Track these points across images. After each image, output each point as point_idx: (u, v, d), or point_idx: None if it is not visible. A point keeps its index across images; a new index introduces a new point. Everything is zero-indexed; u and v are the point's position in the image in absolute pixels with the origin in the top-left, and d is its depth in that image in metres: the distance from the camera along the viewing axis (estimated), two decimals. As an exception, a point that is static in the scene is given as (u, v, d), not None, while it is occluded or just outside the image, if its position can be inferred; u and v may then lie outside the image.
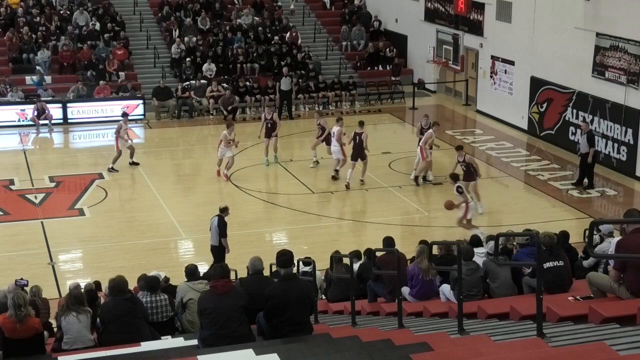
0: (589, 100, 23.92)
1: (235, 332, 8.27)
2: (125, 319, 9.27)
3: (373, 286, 12.51)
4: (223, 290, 8.40)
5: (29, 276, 13.77)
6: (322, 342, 8.21)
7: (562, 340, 7.06)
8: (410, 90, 31.09)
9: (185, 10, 33.31)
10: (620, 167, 23.01)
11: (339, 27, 34.57)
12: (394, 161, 24.21)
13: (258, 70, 31.44)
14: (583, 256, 12.64)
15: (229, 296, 8.37)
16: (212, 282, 8.71)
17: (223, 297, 8.35)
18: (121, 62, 30.52)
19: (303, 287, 8.68)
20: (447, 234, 18.36)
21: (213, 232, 16.37)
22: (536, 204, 20.48)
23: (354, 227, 19.44)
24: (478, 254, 11.68)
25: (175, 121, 28.98)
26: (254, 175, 22.90)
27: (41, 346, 9.28)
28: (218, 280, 8.56)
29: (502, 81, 28.29)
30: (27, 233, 19.09)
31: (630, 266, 7.95)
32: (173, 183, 23.09)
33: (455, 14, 30.13)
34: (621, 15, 22.52)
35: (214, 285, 8.55)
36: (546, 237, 10.50)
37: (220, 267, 8.82)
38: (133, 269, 15.53)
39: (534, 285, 9.71)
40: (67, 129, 27.89)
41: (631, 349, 6.35)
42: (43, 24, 31.54)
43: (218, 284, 8.49)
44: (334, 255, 13.89)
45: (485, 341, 7.37)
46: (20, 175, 22.93)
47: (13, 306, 8.90)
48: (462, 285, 8.66)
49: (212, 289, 8.55)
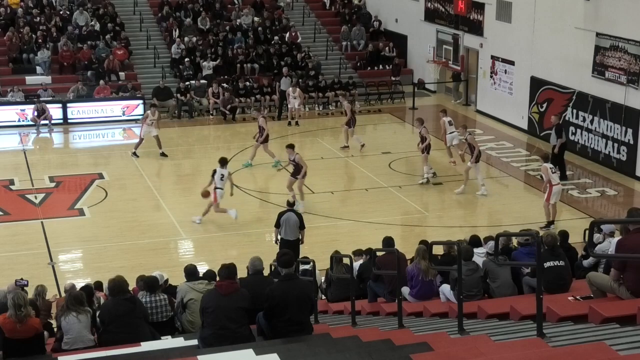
0: (589, 100, 23.93)
1: (236, 333, 8.27)
2: (125, 319, 9.26)
3: (373, 286, 12.50)
4: (227, 291, 8.41)
5: (29, 276, 13.78)
6: (322, 342, 8.20)
7: (562, 340, 7.05)
8: (410, 90, 31.10)
9: (185, 10, 33.30)
10: (620, 167, 23.02)
11: (339, 27, 34.56)
12: (394, 161, 24.21)
13: (258, 70, 31.44)
14: (584, 254, 12.64)
15: (232, 297, 8.37)
16: (217, 282, 8.72)
17: (226, 297, 8.36)
18: (121, 62, 30.52)
19: (303, 287, 8.68)
20: (447, 234, 18.37)
21: (292, 227, 16.46)
22: (536, 204, 20.47)
23: (354, 227, 19.43)
24: (478, 254, 11.68)
25: (175, 121, 28.98)
26: (254, 176, 22.89)
27: (41, 346, 9.28)
28: (223, 280, 8.55)
29: (502, 81, 28.29)
30: (27, 233, 19.08)
31: (630, 266, 7.95)
32: (173, 183, 23.09)
33: (455, 14, 30.13)
34: (621, 15, 22.52)
35: (219, 284, 8.56)
36: (549, 236, 10.50)
37: (226, 268, 8.78)
38: (133, 269, 15.53)
39: (534, 285, 9.71)
40: (67, 129, 27.88)
41: (631, 349, 6.35)
42: (43, 23, 31.54)
43: (223, 284, 8.49)
44: (334, 255, 13.89)
45: (485, 341, 7.37)
46: (20, 175, 22.93)
47: (13, 306, 8.89)
48: (462, 285, 8.65)
49: (217, 288, 8.56)
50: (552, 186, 18.69)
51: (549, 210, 18.95)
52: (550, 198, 18.75)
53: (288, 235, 16.51)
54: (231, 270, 8.77)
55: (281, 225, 16.55)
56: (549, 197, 18.77)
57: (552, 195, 18.71)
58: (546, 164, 19.00)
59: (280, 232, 16.60)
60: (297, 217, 16.59)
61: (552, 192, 18.68)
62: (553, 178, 18.76)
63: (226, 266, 8.84)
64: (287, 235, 16.51)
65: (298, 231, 16.57)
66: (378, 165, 23.82)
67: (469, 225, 19.16)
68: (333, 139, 26.59)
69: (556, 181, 18.84)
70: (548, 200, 18.81)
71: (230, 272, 8.72)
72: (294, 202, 17.27)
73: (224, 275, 8.66)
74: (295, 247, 16.36)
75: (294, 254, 15.83)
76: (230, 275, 8.70)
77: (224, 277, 8.62)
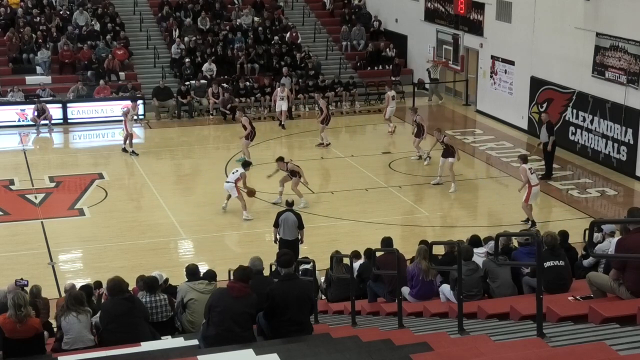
0: (589, 100, 23.92)
1: (240, 337, 8.19)
2: (125, 319, 9.26)
3: (373, 286, 12.50)
4: (237, 294, 8.29)
5: (29, 276, 13.77)
6: (322, 342, 8.20)
7: (562, 340, 7.05)
8: (410, 90, 31.10)
9: (185, 10, 33.30)
10: (620, 167, 23.02)
11: (339, 27, 34.56)
12: (394, 161, 24.21)
13: (258, 70, 31.44)
14: (584, 254, 12.64)
15: (242, 301, 8.26)
16: (230, 283, 8.62)
17: (236, 300, 8.25)
18: (121, 62, 30.52)
19: (303, 287, 8.66)
20: (447, 234, 18.37)
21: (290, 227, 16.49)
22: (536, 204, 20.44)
23: (354, 227, 19.43)
24: (478, 254, 11.67)
25: (175, 121, 28.99)
26: (254, 176, 22.88)
27: (41, 346, 9.28)
28: (236, 282, 8.43)
29: (502, 81, 28.29)
30: (27, 233, 19.09)
31: (630, 266, 7.94)
32: (173, 183, 23.09)
33: (455, 14, 30.13)
34: (621, 15, 22.52)
35: (231, 286, 8.43)
36: (548, 236, 10.48)
37: (242, 270, 8.60)
38: (133, 269, 15.53)
39: (534, 285, 9.70)
40: (67, 129, 27.89)
41: (631, 349, 6.34)
42: (43, 23, 31.54)
43: (235, 287, 8.36)
44: (334, 255, 13.89)
45: (485, 341, 7.36)
46: (20, 175, 22.93)
47: (13, 306, 8.90)
48: (462, 285, 8.65)
49: (228, 289, 8.42)
50: (531, 187, 18.67)
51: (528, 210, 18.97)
52: (529, 199, 18.73)
53: (287, 235, 16.53)
54: (247, 274, 8.56)
55: (280, 225, 16.58)
56: (527, 198, 18.74)
57: (531, 196, 18.71)
58: (524, 165, 18.97)
59: (280, 232, 16.62)
60: (295, 217, 16.61)
61: (531, 193, 18.68)
62: (532, 179, 18.74)
63: (243, 268, 8.65)
64: (286, 235, 16.53)
65: (297, 231, 16.60)
66: (378, 165, 23.83)
67: (469, 225, 19.16)
68: (333, 138, 26.59)
69: (535, 182, 18.81)
70: (527, 201, 18.80)
71: (245, 275, 8.52)
72: (292, 201, 17.29)
73: (239, 277, 8.47)
74: (295, 247, 16.37)
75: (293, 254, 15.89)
76: (244, 278, 8.46)
77: (238, 279, 8.44)
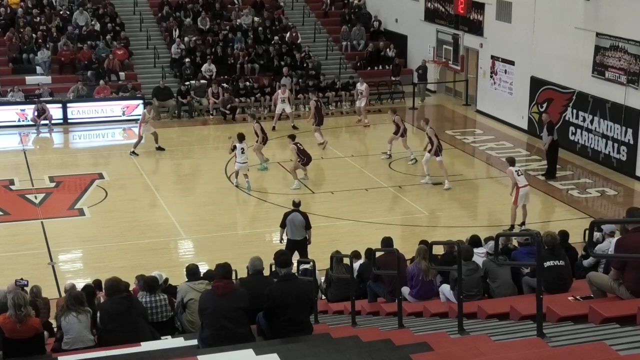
0: (589, 100, 23.92)
1: (235, 333, 8.26)
2: (123, 318, 9.26)
3: (373, 286, 12.50)
4: (223, 292, 8.41)
5: (29, 276, 13.78)
6: (322, 342, 8.21)
7: (562, 340, 7.05)
8: (410, 90, 31.10)
9: (185, 10, 33.30)
10: (620, 167, 23.01)
11: (339, 27, 34.56)
12: (394, 161, 24.21)
13: (258, 71, 31.44)
14: (584, 254, 12.63)
15: (229, 298, 8.37)
16: (214, 282, 8.71)
17: (223, 298, 8.36)
18: (121, 62, 30.51)
19: (303, 287, 8.68)
20: (447, 234, 18.36)
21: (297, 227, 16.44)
22: (536, 204, 20.47)
23: (354, 227, 19.43)
24: (478, 254, 11.68)
25: (175, 121, 28.99)
26: (254, 176, 22.88)
27: (41, 346, 9.28)
28: (220, 281, 8.55)
29: (502, 81, 28.29)
30: (27, 233, 19.09)
31: (630, 266, 7.94)
32: (173, 183, 23.09)
33: (455, 14, 30.13)
34: (621, 15, 22.52)
35: (216, 285, 8.56)
36: (548, 236, 10.48)
37: (222, 268, 8.76)
38: (133, 269, 15.54)
39: (534, 285, 9.70)
40: (67, 129, 27.88)
41: (631, 349, 6.34)
42: (43, 23, 31.54)
43: (219, 285, 8.49)
44: (334, 255, 13.88)
45: (485, 341, 7.36)
46: (20, 175, 22.93)
47: (13, 306, 8.89)
48: (462, 285, 8.65)
49: (214, 289, 8.56)
50: (519, 189, 18.60)
51: (516, 212, 18.83)
52: (518, 201, 18.67)
53: (295, 235, 16.51)
54: (227, 270, 8.73)
55: (287, 225, 16.57)
56: (516, 200, 18.67)
57: (520, 197, 18.63)
58: (511, 167, 18.89)
59: (287, 232, 16.61)
60: (302, 217, 16.57)
61: (519, 194, 18.61)
62: (519, 180, 18.66)
63: (222, 265, 8.80)
64: (294, 235, 16.51)
65: (304, 231, 16.56)
66: (378, 165, 23.82)
67: (469, 225, 19.15)
68: (333, 138, 26.61)
69: (523, 183, 18.72)
70: (515, 203, 18.72)
71: (226, 271, 8.70)
72: (299, 202, 17.21)
73: (221, 274, 8.63)
74: (302, 246, 16.38)
75: (301, 253, 15.90)
76: (227, 275, 8.68)
77: (221, 277, 8.60)
